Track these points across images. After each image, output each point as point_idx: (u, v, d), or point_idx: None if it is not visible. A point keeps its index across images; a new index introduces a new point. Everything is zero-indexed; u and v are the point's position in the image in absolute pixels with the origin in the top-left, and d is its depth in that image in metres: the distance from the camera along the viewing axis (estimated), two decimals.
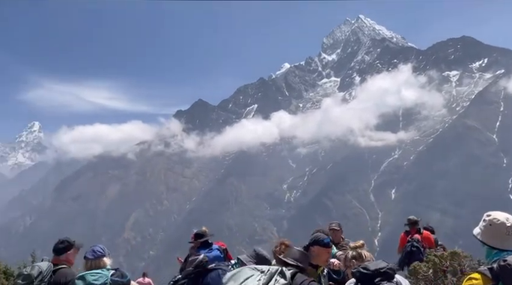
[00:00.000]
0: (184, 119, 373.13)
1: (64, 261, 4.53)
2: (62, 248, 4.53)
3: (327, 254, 3.92)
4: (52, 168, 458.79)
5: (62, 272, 4.35)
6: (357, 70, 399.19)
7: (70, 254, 4.56)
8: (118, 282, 4.20)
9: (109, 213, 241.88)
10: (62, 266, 4.45)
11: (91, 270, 4.17)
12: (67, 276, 4.29)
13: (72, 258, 4.60)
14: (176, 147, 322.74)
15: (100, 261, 4.23)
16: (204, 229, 5.57)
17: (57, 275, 4.32)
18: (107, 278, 4.11)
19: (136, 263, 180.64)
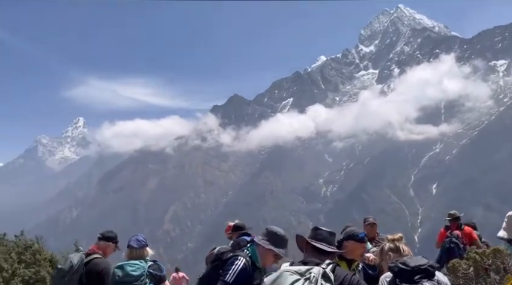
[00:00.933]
0: (220, 114, 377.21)
1: (101, 251, 4.66)
2: (108, 237, 4.74)
3: (361, 249, 3.84)
4: (95, 162, 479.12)
5: (95, 262, 4.50)
6: (396, 62, 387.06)
7: (110, 246, 4.71)
8: (155, 275, 4.28)
9: (149, 206, 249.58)
10: (96, 256, 4.58)
11: (134, 258, 4.28)
12: (100, 265, 4.46)
13: (109, 251, 4.72)
14: (212, 142, 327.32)
15: (143, 250, 4.35)
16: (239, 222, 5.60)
17: (90, 265, 4.47)
18: (144, 269, 4.20)
19: (175, 254, 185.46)
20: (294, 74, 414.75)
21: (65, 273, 4.31)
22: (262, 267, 3.50)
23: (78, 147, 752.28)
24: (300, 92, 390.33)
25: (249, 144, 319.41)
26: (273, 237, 3.46)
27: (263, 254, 3.44)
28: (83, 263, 4.43)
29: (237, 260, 3.33)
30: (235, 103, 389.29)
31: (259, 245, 3.45)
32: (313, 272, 2.57)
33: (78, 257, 4.46)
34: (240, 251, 3.49)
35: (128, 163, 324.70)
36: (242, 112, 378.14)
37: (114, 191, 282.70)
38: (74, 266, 4.32)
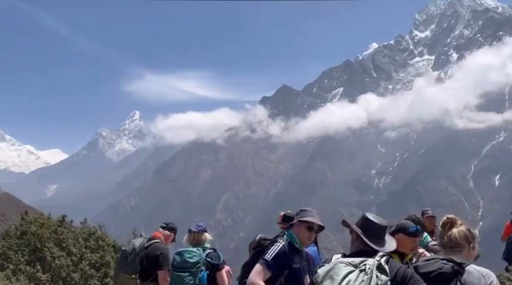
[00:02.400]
0: (269, 105, 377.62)
1: (161, 238, 4.96)
2: (171, 228, 5.07)
3: (412, 243, 3.70)
4: (151, 153, 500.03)
5: (154, 246, 4.83)
6: (454, 46, 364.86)
7: (170, 236, 5.04)
8: (212, 263, 4.46)
9: (201, 195, 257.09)
10: (156, 241, 4.91)
11: (193, 242, 4.56)
12: (158, 249, 4.78)
13: (168, 240, 5.03)
14: (262, 133, 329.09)
15: (201, 235, 4.58)
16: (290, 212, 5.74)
17: (150, 248, 4.82)
18: (201, 257, 4.41)
19: (227, 243, 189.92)
20: (344, 63, 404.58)
21: (127, 255, 4.70)
22: (303, 245, 3.54)
23: (135, 139, 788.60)
24: (350, 81, 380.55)
25: (298, 134, 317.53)
26: (298, 213, 3.61)
27: (297, 231, 3.50)
28: (144, 247, 4.79)
29: (276, 243, 3.43)
30: (284, 93, 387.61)
31: (293, 225, 3.56)
32: (368, 264, 2.51)
33: (140, 241, 4.83)
34: (280, 236, 3.58)
35: (181, 154, 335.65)
36: (291, 103, 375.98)
37: (169, 181, 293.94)
38: (136, 249, 4.70)
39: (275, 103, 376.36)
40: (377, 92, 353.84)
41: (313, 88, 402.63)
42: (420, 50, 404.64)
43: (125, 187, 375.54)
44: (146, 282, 4.69)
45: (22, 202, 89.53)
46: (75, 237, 9.03)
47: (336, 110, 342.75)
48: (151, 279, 4.71)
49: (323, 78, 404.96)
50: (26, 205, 75.18)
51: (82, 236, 9.29)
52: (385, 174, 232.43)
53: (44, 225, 8.88)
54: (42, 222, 9.11)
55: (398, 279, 2.57)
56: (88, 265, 8.18)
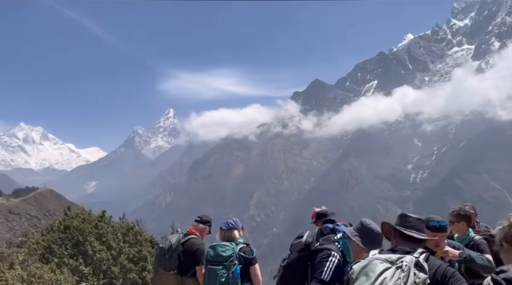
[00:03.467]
0: (301, 100, 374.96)
1: (196, 233, 5.05)
2: (205, 221, 5.16)
3: (436, 239, 3.54)
4: (185, 150, 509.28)
5: (191, 242, 4.91)
6: (496, 35, 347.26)
7: (205, 229, 5.13)
8: (244, 257, 4.49)
9: (235, 191, 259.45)
10: (192, 236, 4.99)
11: (224, 240, 4.59)
12: (195, 245, 4.86)
13: (204, 233, 5.14)
14: (293, 128, 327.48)
15: (231, 232, 4.61)
16: (324, 209, 5.54)
17: (187, 244, 4.90)
18: (234, 251, 4.45)
19: (261, 239, 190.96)
20: (378, 55, 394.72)
21: (165, 252, 4.77)
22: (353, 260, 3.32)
23: (169, 136, 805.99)
24: (385, 74, 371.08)
25: (331, 129, 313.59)
26: (367, 234, 3.32)
27: (356, 251, 3.31)
28: (180, 243, 4.86)
29: (330, 256, 3.17)
30: (316, 88, 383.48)
31: (353, 240, 3.31)
32: (406, 261, 2.41)
33: (176, 237, 4.91)
34: (330, 243, 3.32)
35: (214, 151, 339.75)
36: (323, 98, 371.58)
37: (203, 178, 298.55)
38: (172, 245, 4.78)
39: (307, 98, 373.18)
40: (412, 84, 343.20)
41: (346, 81, 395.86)
42: (459, 39, 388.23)
43: (161, 184, 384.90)
44: (185, 278, 4.78)
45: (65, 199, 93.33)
46: (114, 232, 9.37)
47: (371, 104, 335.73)
48: (190, 275, 4.79)
49: (356, 71, 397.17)
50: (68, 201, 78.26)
51: (120, 231, 9.63)
52: (422, 169, 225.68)
53: (85, 220, 9.29)
54: (84, 217, 9.53)
55: (438, 278, 2.46)
56: (127, 259, 8.47)
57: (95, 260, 8.26)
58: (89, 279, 7.69)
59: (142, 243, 9.42)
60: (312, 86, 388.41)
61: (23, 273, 5.33)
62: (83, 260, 8.09)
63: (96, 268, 8.11)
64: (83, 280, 7.52)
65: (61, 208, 64.54)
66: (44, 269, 5.81)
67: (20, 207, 73.72)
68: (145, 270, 8.58)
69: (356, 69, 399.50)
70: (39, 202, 79.10)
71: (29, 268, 5.70)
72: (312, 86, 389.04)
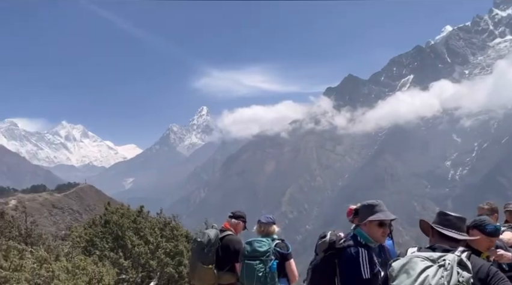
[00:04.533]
0: (334, 96, 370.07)
1: (232, 229, 5.09)
2: (238, 216, 5.20)
3: (488, 243, 3.40)
4: (218, 147, 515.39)
5: (228, 238, 4.94)
6: None
7: (240, 224, 5.16)
8: (280, 253, 4.56)
9: (267, 188, 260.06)
10: (228, 232, 5.01)
11: (262, 233, 4.69)
12: (232, 242, 4.89)
13: (239, 229, 5.16)
14: (326, 124, 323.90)
15: (269, 226, 4.69)
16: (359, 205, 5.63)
17: (224, 240, 4.93)
18: (270, 246, 4.52)
19: (293, 236, 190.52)
20: (415, 49, 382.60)
21: (204, 246, 4.82)
22: (377, 243, 3.33)
23: (203, 133, 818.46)
24: (421, 68, 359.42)
25: (366, 125, 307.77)
26: (364, 210, 3.35)
27: (369, 230, 3.27)
28: (218, 238, 4.90)
29: (358, 253, 3.14)
30: (350, 83, 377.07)
31: (361, 224, 3.33)
32: (448, 259, 2.35)
33: (214, 232, 4.93)
34: (352, 238, 3.31)
35: (247, 148, 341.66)
36: (357, 93, 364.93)
37: (235, 174, 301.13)
38: (211, 240, 4.82)
39: (340, 94, 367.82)
40: (451, 78, 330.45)
41: (380, 76, 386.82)
42: (501, 30, 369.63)
43: (195, 180, 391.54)
44: (222, 272, 4.83)
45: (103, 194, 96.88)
46: (152, 227, 9.65)
47: (407, 99, 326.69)
48: (227, 269, 4.84)
49: (391, 66, 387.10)
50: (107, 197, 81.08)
51: (157, 226, 9.90)
52: (461, 165, 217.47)
53: (124, 215, 9.63)
54: (123, 212, 9.88)
55: (481, 277, 2.40)
56: (164, 253, 8.71)
57: (134, 253, 8.54)
58: (129, 272, 7.97)
59: (179, 238, 9.66)
60: (346, 81, 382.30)
61: (68, 264, 5.60)
62: (123, 253, 8.39)
63: (135, 261, 8.40)
64: (123, 273, 7.81)
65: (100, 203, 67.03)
66: (87, 261, 6.10)
67: (63, 201, 77.23)
68: (181, 265, 8.79)
69: (391, 63, 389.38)
70: (80, 198, 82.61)
71: (73, 260, 5.99)
72: (345, 81, 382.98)
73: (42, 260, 5.20)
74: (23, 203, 42.03)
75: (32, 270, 4.87)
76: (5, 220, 6.25)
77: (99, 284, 5.69)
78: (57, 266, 5.18)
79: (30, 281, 4.68)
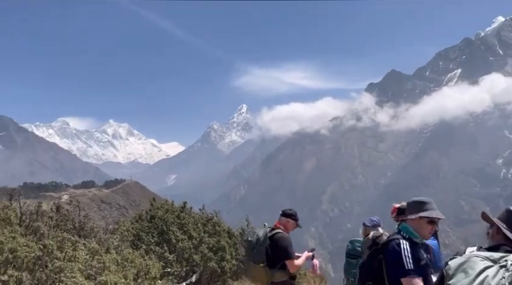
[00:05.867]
0: (376, 92, 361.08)
1: (282, 227, 5.08)
2: (287, 214, 5.17)
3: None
4: (258, 145, 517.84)
5: (276, 236, 4.93)
6: None
7: (290, 222, 5.13)
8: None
9: (307, 186, 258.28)
10: (278, 231, 5.01)
11: (366, 235, 4.64)
12: (280, 239, 4.88)
13: (290, 227, 5.13)
14: (368, 121, 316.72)
15: (373, 229, 4.76)
16: (405, 204, 5.52)
17: (274, 238, 4.93)
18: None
19: (335, 234, 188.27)
20: (463, 42, 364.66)
21: (253, 245, 4.90)
22: (423, 239, 3.30)
23: (243, 131, 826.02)
24: (470, 61, 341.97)
25: (410, 122, 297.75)
26: (414, 205, 3.31)
27: (417, 226, 3.23)
28: (267, 236, 4.91)
29: (400, 244, 3.11)
30: (393, 79, 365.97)
31: (408, 219, 3.28)
32: (510, 260, 2.25)
33: (263, 231, 4.98)
34: (396, 233, 3.29)
35: (286, 145, 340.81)
36: (401, 88, 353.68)
37: (275, 172, 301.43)
38: (260, 239, 4.89)
39: (383, 90, 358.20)
40: (503, 71, 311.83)
41: (425, 71, 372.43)
42: None
43: (235, 178, 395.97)
44: (273, 270, 4.84)
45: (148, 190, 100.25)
46: (195, 223, 9.91)
47: (454, 94, 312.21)
48: (278, 268, 4.86)
49: (437, 60, 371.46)
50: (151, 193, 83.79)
51: (200, 222, 10.16)
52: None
53: (168, 211, 9.94)
54: (167, 208, 10.21)
55: None
56: (207, 248, 8.93)
57: (178, 248, 8.80)
58: (173, 266, 8.22)
59: (221, 233, 9.86)
60: (388, 77, 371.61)
61: (117, 257, 5.87)
62: (168, 247, 8.67)
63: (179, 256, 8.65)
64: (168, 266, 8.07)
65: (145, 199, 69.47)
66: (135, 254, 6.36)
67: (110, 197, 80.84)
68: (223, 260, 8.97)
69: (437, 57, 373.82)
70: (126, 193, 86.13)
71: (122, 253, 6.27)
72: (388, 77, 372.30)
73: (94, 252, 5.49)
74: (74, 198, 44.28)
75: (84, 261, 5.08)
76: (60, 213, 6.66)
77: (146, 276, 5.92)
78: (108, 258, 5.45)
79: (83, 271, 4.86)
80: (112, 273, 5.04)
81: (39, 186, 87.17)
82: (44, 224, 5.67)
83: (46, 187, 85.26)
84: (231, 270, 9.27)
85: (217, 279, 9.08)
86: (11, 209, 5.53)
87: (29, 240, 4.70)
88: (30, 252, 4.22)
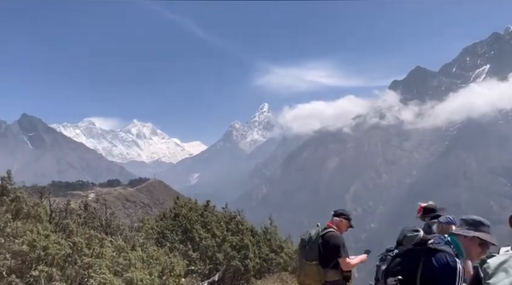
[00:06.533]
0: (400, 89, 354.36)
1: (334, 226, 5.14)
2: (338, 213, 5.25)
3: None
4: (279, 143, 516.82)
5: (328, 235, 5.01)
6: None
7: (344, 222, 5.19)
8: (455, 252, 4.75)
9: (329, 185, 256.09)
10: (329, 230, 5.07)
11: (441, 233, 4.51)
12: (331, 238, 4.95)
13: (343, 227, 5.20)
14: (392, 119, 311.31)
15: (448, 226, 4.67)
16: (432, 203, 5.46)
17: (326, 237, 5.01)
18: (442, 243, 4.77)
19: (358, 233, 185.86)
20: (492, 36, 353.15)
21: (305, 243, 5.01)
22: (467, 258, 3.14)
23: (264, 130, 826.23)
24: (499, 57, 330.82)
25: (435, 119, 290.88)
26: (468, 224, 3.14)
27: (467, 246, 3.07)
28: (319, 235, 4.99)
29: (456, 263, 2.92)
30: (418, 76, 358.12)
31: (460, 235, 3.09)
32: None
33: (315, 230, 5.08)
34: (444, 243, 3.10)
35: (308, 144, 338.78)
36: (426, 85, 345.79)
37: (297, 170, 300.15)
38: (312, 237, 5.00)
39: (407, 87, 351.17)
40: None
41: (452, 67, 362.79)
42: None
43: (257, 176, 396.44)
44: (326, 269, 4.89)
45: (171, 189, 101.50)
46: (218, 221, 9.99)
47: (482, 90, 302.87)
48: (331, 266, 4.90)
49: (464, 56, 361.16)
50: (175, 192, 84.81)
51: (223, 220, 10.24)
52: None
53: (192, 209, 10.08)
54: (191, 206, 10.34)
55: None
56: (230, 247, 8.97)
57: (202, 246, 8.88)
58: (197, 264, 8.30)
59: (244, 232, 9.90)
60: (413, 74, 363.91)
61: (143, 254, 5.97)
62: (191, 245, 8.76)
63: (202, 254, 8.73)
64: (192, 264, 8.15)
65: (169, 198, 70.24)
66: (159, 251, 6.45)
67: (135, 195, 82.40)
68: (247, 258, 8.99)
69: (464, 53, 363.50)
70: (150, 192, 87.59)
71: (147, 250, 6.37)
72: (412, 74, 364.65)
73: (120, 249, 5.61)
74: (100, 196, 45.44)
75: (111, 258, 5.22)
76: (88, 211, 6.83)
77: (171, 273, 6.00)
78: (134, 255, 5.56)
79: (110, 267, 4.96)
80: (137, 270, 5.14)
81: (67, 184, 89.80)
82: (73, 222, 5.84)
83: (73, 186, 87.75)
84: (254, 268, 9.29)
85: (240, 278, 9.12)
86: (41, 207, 5.70)
87: (59, 237, 4.82)
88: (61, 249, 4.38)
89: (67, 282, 4.20)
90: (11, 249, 4.08)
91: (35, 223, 5.02)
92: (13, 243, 4.17)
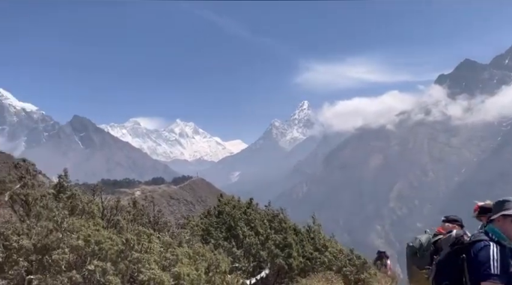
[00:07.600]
0: (447, 84, 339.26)
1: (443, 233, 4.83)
2: (452, 220, 5.07)
3: None
4: (320, 141, 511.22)
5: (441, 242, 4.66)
6: None
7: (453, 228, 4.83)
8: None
9: (373, 183, 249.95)
10: (441, 236, 4.77)
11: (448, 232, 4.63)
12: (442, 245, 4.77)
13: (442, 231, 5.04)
14: (438, 115, 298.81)
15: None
16: (489, 202, 5.15)
17: (438, 244, 4.73)
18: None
19: (403, 233, 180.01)
20: None
21: (416, 251, 4.90)
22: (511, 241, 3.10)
23: (304, 128, 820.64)
24: None
25: (486, 114, 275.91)
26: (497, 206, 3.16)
27: (504, 227, 3.05)
28: (431, 242, 4.84)
29: (490, 246, 2.94)
30: (467, 69, 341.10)
31: (495, 219, 3.11)
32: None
33: (426, 236, 4.97)
34: (481, 234, 3.11)
35: (350, 141, 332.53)
36: (475, 79, 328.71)
37: (339, 168, 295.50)
38: (423, 244, 4.87)
39: (455, 81, 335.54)
40: None
41: (504, 59, 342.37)
42: None
43: (298, 174, 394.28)
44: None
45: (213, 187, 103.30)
46: (261, 219, 10.02)
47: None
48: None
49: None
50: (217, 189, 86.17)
51: (266, 218, 10.25)
52: None
53: (235, 207, 10.17)
54: (234, 204, 10.44)
55: None
56: (273, 245, 8.97)
57: (245, 244, 8.94)
58: (241, 261, 8.36)
59: (287, 230, 9.86)
60: (462, 67, 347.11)
61: (189, 250, 6.11)
62: (235, 243, 8.84)
63: (246, 251, 8.78)
64: (236, 261, 8.21)
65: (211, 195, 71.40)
66: (205, 248, 6.56)
67: (179, 193, 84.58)
68: (290, 257, 8.95)
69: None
70: (193, 190, 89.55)
71: (193, 247, 6.50)
72: (461, 67, 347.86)
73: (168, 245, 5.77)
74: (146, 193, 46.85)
75: (159, 253, 5.37)
76: (137, 208, 7.07)
77: (217, 270, 6.08)
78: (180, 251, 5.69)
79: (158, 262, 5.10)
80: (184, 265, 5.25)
81: (114, 182, 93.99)
82: (123, 218, 6.07)
83: (121, 184, 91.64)
84: (298, 267, 9.22)
85: (284, 276, 9.09)
86: (95, 203, 5.97)
87: (111, 232, 4.96)
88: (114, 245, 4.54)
89: (118, 276, 4.35)
90: (69, 244, 4.25)
91: (88, 219, 5.29)
92: (70, 238, 4.34)
